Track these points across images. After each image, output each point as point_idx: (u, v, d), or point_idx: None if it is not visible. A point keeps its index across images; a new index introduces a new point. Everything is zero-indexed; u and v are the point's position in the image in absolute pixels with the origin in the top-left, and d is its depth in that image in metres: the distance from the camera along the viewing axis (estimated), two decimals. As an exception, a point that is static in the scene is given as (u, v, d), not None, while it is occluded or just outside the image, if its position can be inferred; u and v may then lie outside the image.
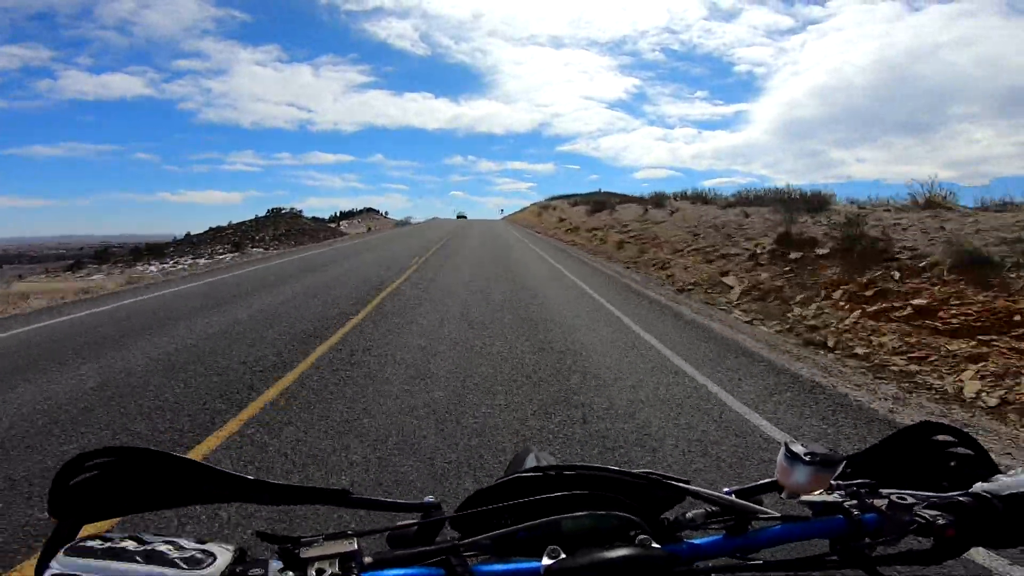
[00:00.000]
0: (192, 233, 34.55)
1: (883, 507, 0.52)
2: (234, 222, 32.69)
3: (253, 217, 33.51)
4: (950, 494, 0.53)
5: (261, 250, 23.75)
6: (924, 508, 0.52)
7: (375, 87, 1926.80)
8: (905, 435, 0.62)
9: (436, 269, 12.48)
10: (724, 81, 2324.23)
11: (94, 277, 23.91)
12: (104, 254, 31.24)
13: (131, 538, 0.43)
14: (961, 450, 0.59)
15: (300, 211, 36.77)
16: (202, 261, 27.18)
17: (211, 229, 32.77)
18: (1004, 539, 0.52)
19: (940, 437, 0.60)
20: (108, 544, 0.41)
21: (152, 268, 27.22)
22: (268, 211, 35.07)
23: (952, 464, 0.59)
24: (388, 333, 5.92)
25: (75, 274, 26.33)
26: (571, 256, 16.90)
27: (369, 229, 34.29)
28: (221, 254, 28.07)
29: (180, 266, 28.24)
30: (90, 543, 0.41)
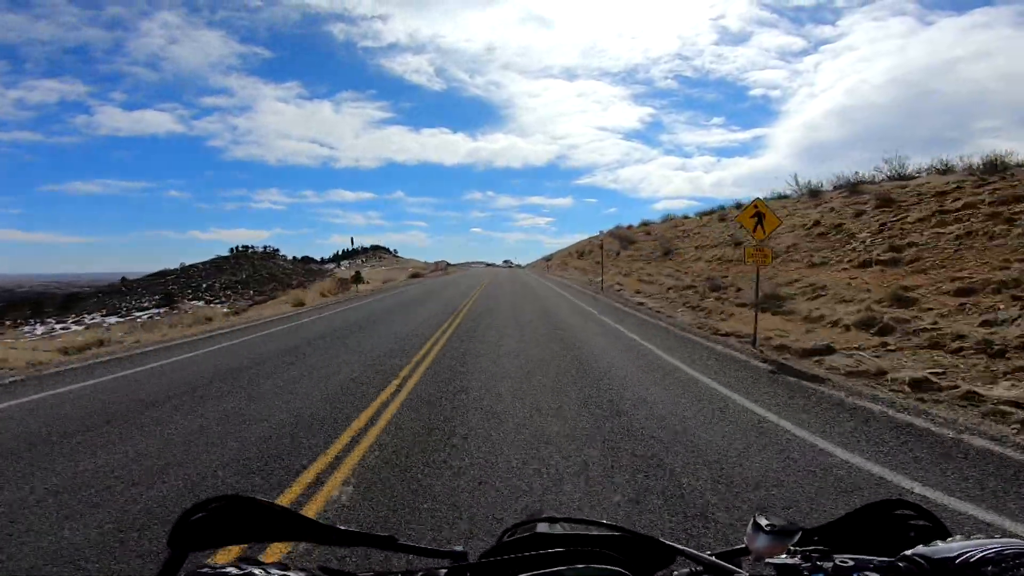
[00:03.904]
0: (130, 278, 28.06)
1: (829, 569, 0.57)
2: (187, 263, 26.19)
3: (213, 257, 26.98)
4: (889, 558, 0.57)
5: (201, 303, 16.84)
6: (867, 570, 0.57)
7: (393, 123, 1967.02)
8: (870, 509, 0.69)
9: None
10: (740, 106, 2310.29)
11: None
12: (14, 305, 24.68)
13: (231, 565, 0.52)
14: (921, 522, 0.66)
15: (276, 249, 30.13)
16: (111, 320, 20.68)
17: (155, 274, 26.41)
18: None
19: (901, 511, 0.68)
20: (218, 569, 0.51)
21: (39, 328, 20.98)
22: (231, 250, 28.41)
23: (912, 534, 0.66)
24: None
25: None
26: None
27: (357, 274, 27.39)
28: (145, 308, 21.52)
29: (83, 325, 21.72)
30: (205, 569, 0.51)
